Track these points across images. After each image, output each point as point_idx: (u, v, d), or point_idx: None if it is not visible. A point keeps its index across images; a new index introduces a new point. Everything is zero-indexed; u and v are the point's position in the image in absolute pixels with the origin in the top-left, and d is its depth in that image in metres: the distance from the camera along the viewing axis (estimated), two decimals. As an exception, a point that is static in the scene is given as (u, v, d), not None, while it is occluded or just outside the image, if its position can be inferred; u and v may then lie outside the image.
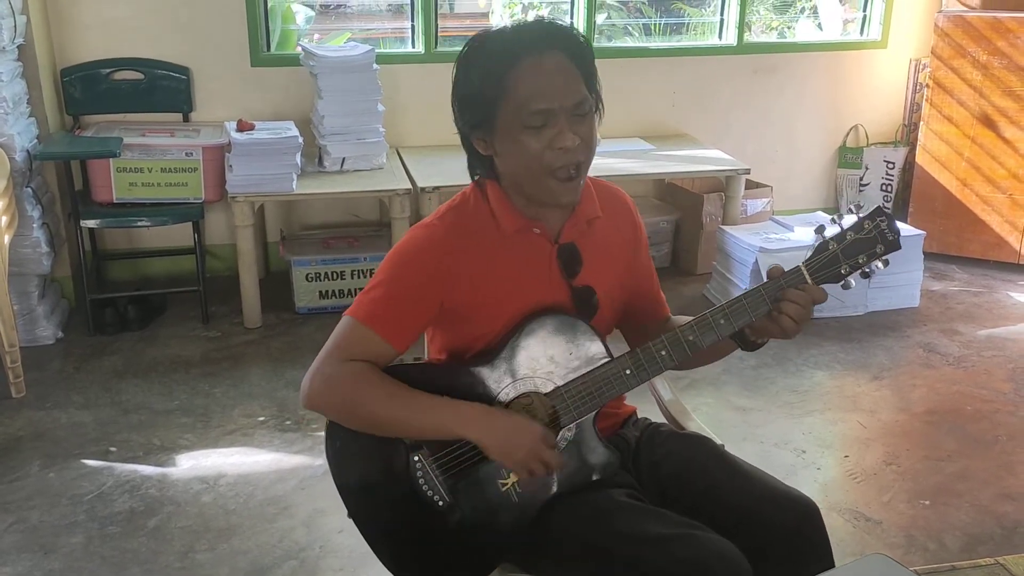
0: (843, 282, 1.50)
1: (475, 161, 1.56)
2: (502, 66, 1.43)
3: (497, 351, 1.51)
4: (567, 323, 1.52)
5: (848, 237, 1.48)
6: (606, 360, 1.52)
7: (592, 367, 1.51)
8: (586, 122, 1.47)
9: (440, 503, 1.52)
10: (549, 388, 1.51)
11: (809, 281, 1.49)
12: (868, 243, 1.48)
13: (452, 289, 1.50)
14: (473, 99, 1.47)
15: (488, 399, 1.51)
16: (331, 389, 1.49)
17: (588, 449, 1.55)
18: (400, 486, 1.52)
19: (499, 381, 1.51)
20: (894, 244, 1.49)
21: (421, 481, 1.52)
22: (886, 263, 1.50)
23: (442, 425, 1.47)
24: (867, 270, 1.50)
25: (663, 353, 1.50)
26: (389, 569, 1.59)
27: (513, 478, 1.52)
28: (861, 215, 1.49)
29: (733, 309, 1.50)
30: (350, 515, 1.58)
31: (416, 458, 1.51)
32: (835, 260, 1.49)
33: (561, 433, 1.53)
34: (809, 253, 1.50)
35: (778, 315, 1.48)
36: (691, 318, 1.54)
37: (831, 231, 1.50)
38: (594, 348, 1.52)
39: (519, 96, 1.42)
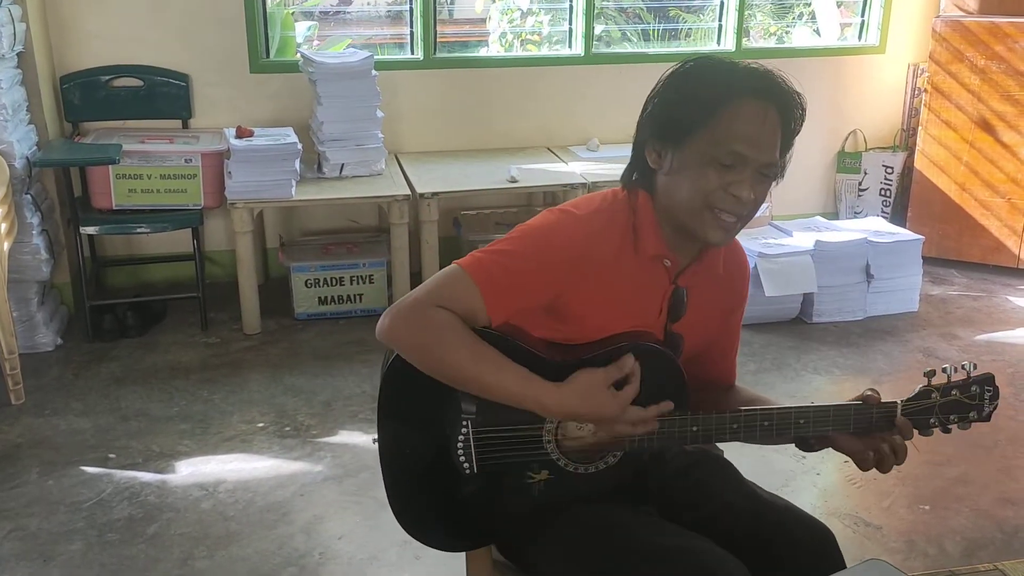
0: (922, 431, 1.51)
1: (637, 168, 1.51)
2: (724, 95, 1.40)
3: (587, 358, 1.47)
4: (661, 358, 1.49)
5: (952, 395, 1.49)
6: (680, 412, 1.49)
7: (666, 414, 1.48)
8: (765, 184, 1.45)
9: (468, 470, 1.51)
10: None
11: (899, 418, 1.50)
12: (966, 407, 1.50)
13: (573, 289, 1.46)
14: (675, 109, 1.43)
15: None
16: (416, 329, 1.43)
17: (628, 473, 1.55)
18: (437, 439, 1.50)
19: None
20: (987, 417, 1.50)
21: (460, 444, 1.50)
22: (966, 428, 1.51)
23: (518, 400, 1.43)
24: (949, 428, 1.51)
25: (734, 427, 1.50)
26: (389, 502, 1.56)
27: (542, 475, 1.52)
28: (973, 376, 1.49)
29: (817, 416, 1.50)
30: (378, 439, 1.54)
31: (464, 422, 1.49)
32: (929, 411, 1.50)
33: (607, 455, 1.53)
34: (912, 393, 1.51)
35: (880, 446, 1.48)
36: (755, 397, 1.55)
37: (939, 380, 1.51)
38: (677, 391, 1.49)
39: (724, 131, 1.40)
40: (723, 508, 1.55)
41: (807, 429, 1.50)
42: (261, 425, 3.12)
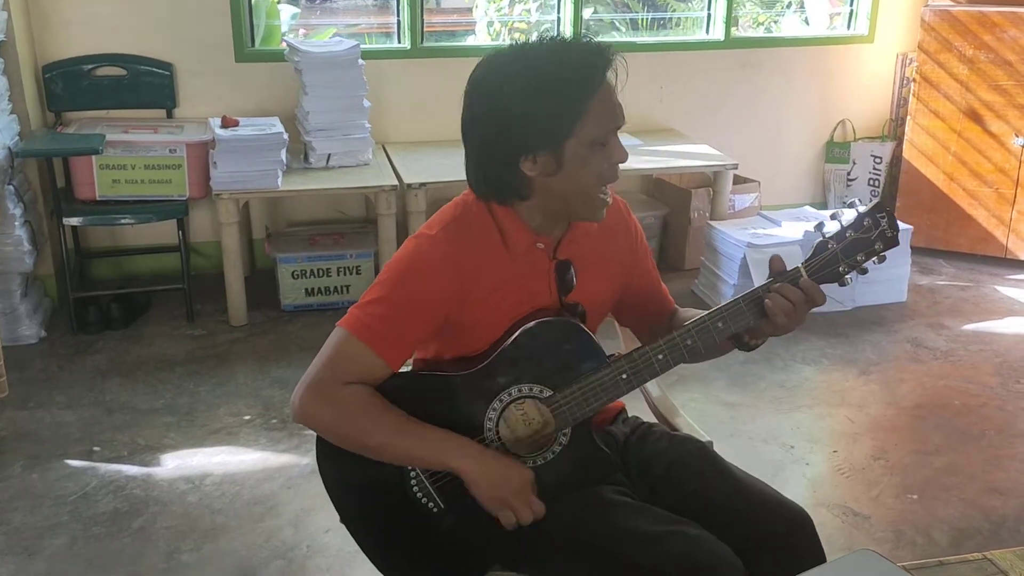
0: (840, 281, 1.50)
1: (510, 180, 1.48)
2: (585, 88, 1.42)
3: (491, 358, 1.49)
4: (561, 326, 1.50)
5: (848, 236, 1.48)
6: (602, 365, 1.50)
7: (588, 371, 1.49)
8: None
9: (434, 509, 1.51)
10: (546, 394, 1.50)
11: (804, 281, 1.48)
12: (867, 241, 1.48)
13: (457, 306, 1.48)
14: (541, 124, 1.42)
15: (483, 406, 1.49)
16: (326, 412, 1.47)
17: (585, 452, 1.54)
18: (393, 492, 1.51)
19: (493, 388, 1.49)
20: (893, 241, 1.49)
21: (415, 487, 1.51)
22: (882, 259, 1.50)
23: (436, 461, 1.47)
24: (864, 267, 1.49)
25: (660, 357, 1.49)
26: (381, 572, 1.58)
27: None
28: (861, 211, 1.48)
29: (731, 312, 1.49)
30: (342, 520, 1.57)
31: (409, 467, 1.50)
32: (834, 260, 1.49)
33: (556, 438, 1.52)
34: (809, 252, 1.50)
35: (771, 311, 1.47)
36: (693, 317, 1.53)
37: (831, 228, 1.50)
38: (589, 351, 1.50)
39: (596, 124, 1.43)
40: (699, 491, 1.55)
41: (728, 328, 1.49)
42: (248, 417, 3.10)
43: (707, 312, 1.51)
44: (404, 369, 1.56)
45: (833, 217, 1.51)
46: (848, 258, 1.48)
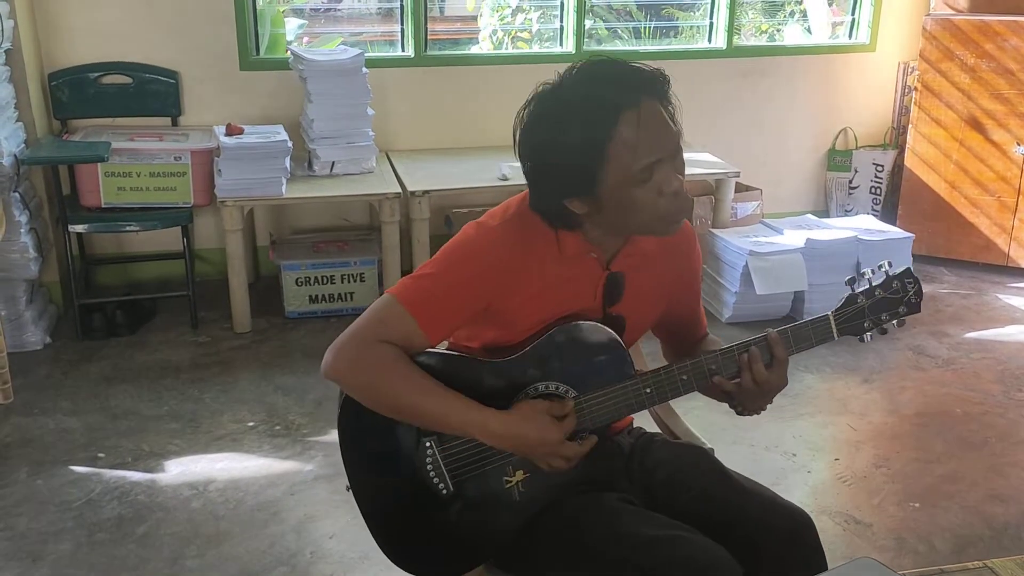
0: (860, 336, 1.56)
1: (560, 214, 1.46)
2: (601, 128, 1.36)
3: (524, 350, 1.50)
4: (597, 333, 1.51)
5: (877, 294, 1.54)
6: (628, 377, 1.51)
7: (614, 380, 1.51)
8: (680, 158, 1.44)
9: (444, 491, 1.52)
10: (570, 395, 1.51)
11: (835, 331, 1.55)
12: (893, 303, 1.55)
13: (503, 297, 1.49)
14: (569, 166, 1.39)
15: (508, 397, 1.50)
16: (358, 368, 1.46)
17: (597, 458, 1.54)
18: (406, 468, 1.52)
19: (521, 380, 1.50)
20: (916, 308, 1.56)
21: (429, 466, 1.51)
22: (902, 324, 1.57)
23: (464, 429, 1.47)
24: (885, 328, 1.57)
25: (684, 378, 1.52)
26: (378, 544, 1.58)
27: (518, 476, 1.53)
28: (891, 273, 1.55)
29: (758, 342, 1.53)
30: (351, 487, 1.56)
31: (427, 444, 1.51)
32: (860, 315, 1.55)
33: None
34: (839, 303, 1.55)
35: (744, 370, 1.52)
36: (720, 347, 1.56)
37: (861, 286, 1.56)
38: (619, 362, 1.52)
39: (625, 155, 1.36)
40: (701, 496, 1.56)
41: (721, 372, 1.53)
42: (251, 424, 3.11)
43: (736, 342, 1.54)
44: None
45: (862, 274, 1.56)
46: (873, 315, 1.55)
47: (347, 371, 1.47)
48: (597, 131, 1.37)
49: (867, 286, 1.55)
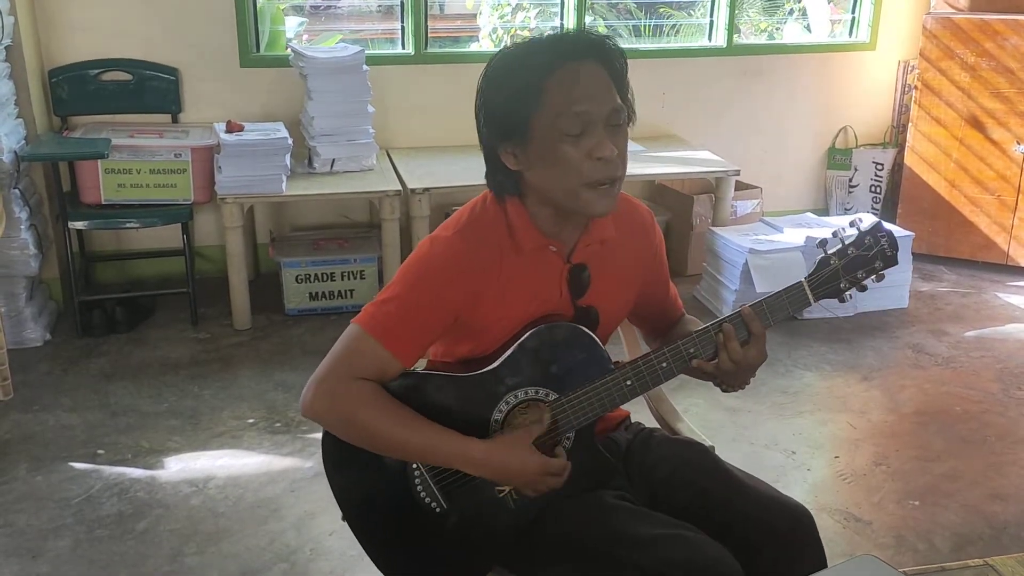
0: (840, 297, 1.53)
1: (501, 177, 1.50)
2: (539, 74, 1.39)
3: (499, 360, 1.50)
4: (569, 331, 1.51)
5: (849, 252, 1.51)
6: (608, 371, 1.51)
7: (594, 377, 1.51)
8: (621, 133, 1.45)
9: (437, 508, 1.52)
10: (551, 397, 1.51)
11: (810, 296, 1.52)
12: (868, 259, 1.51)
13: (470, 307, 1.49)
14: (506, 109, 1.42)
15: (489, 408, 1.50)
16: (336, 406, 1.47)
17: (587, 457, 1.55)
18: (396, 491, 1.52)
19: (500, 390, 1.50)
20: (892, 260, 1.52)
21: (418, 486, 1.52)
22: (881, 278, 1.53)
23: (448, 463, 1.48)
24: (864, 284, 1.53)
25: (664, 365, 1.51)
26: (383, 572, 1.58)
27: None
28: (862, 229, 1.51)
29: (733, 319, 1.52)
30: (345, 519, 1.58)
31: (414, 465, 1.51)
32: (835, 276, 1.52)
33: (560, 441, 1.53)
34: (811, 268, 1.53)
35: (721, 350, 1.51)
36: (698, 327, 1.55)
37: (833, 246, 1.53)
38: (596, 357, 1.52)
39: (557, 102, 1.39)
40: (701, 492, 1.56)
41: (699, 354, 1.52)
42: (251, 421, 3.11)
43: (712, 321, 1.53)
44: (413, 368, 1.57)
45: (835, 234, 1.54)
46: (849, 275, 1.51)
47: (325, 411, 1.48)
48: (533, 76, 1.40)
49: (839, 246, 1.52)
